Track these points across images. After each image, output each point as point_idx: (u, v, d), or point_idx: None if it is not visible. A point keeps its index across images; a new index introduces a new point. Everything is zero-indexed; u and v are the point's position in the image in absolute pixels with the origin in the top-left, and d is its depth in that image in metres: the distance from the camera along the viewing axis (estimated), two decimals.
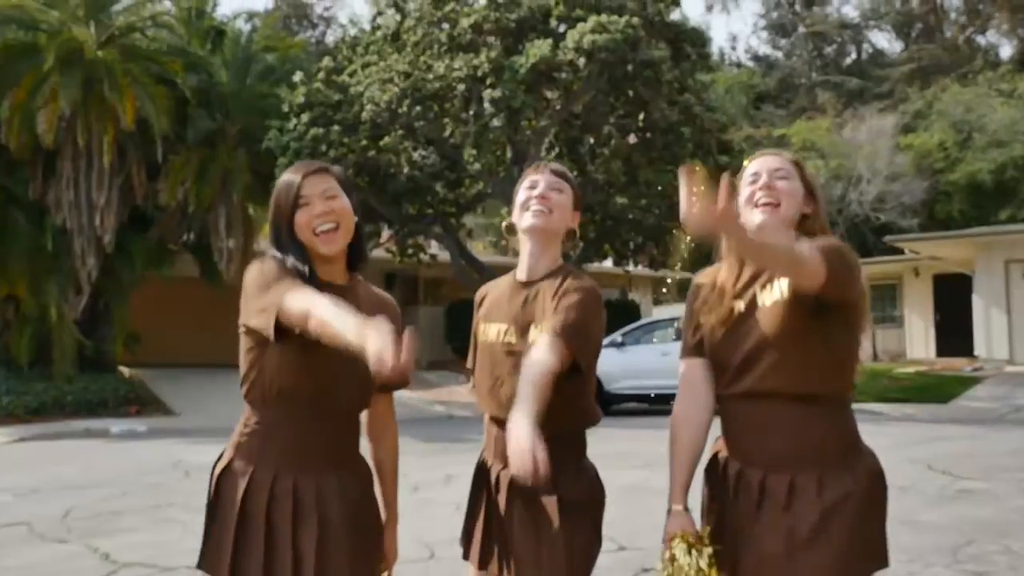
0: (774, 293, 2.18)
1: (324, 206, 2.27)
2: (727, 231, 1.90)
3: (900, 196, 31.06)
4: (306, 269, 2.22)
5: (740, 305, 2.25)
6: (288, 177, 2.32)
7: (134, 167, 17.62)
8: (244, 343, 2.27)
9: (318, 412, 2.22)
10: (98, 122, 17.00)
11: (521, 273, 2.55)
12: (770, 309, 2.18)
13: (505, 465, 2.31)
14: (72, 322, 17.50)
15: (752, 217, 2.26)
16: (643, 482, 7.67)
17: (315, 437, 2.23)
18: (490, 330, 2.53)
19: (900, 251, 24.11)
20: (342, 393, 2.24)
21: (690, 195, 1.79)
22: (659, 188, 18.31)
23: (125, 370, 19.28)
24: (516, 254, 2.65)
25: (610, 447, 6.15)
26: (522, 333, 2.43)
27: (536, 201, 2.50)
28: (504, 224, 2.76)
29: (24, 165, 17.41)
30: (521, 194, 2.55)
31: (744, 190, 2.32)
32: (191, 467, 9.80)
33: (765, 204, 2.27)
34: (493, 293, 2.63)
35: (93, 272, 17.49)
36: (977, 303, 21.48)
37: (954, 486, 7.94)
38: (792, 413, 2.14)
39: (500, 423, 2.38)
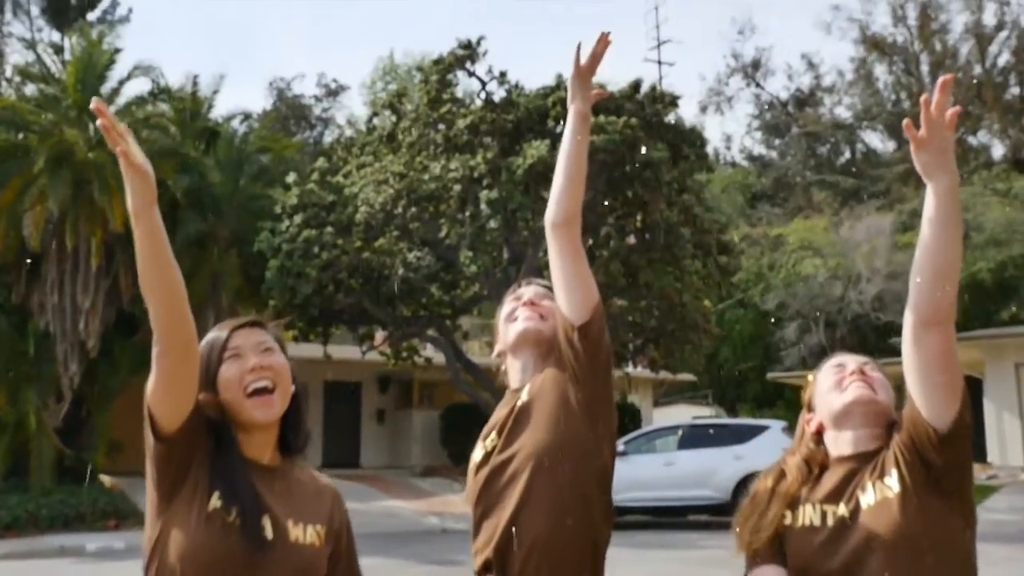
0: (878, 492, 1.93)
1: (259, 359, 1.85)
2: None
3: (900, 295, 30.73)
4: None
5: (841, 509, 1.96)
6: (214, 333, 1.92)
7: (121, 269, 17.21)
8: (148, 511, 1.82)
9: None
10: (86, 224, 16.66)
11: (514, 383, 2.26)
12: (875, 508, 1.91)
13: None
14: (52, 431, 16.85)
15: (843, 395, 2.04)
16: None
17: None
18: (478, 449, 2.21)
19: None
20: None
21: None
22: (659, 289, 17.93)
23: (106, 479, 18.51)
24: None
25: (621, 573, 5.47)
26: (509, 440, 2.11)
27: (525, 308, 2.29)
28: (495, 353, 2.41)
29: (8, 268, 17.01)
30: (506, 307, 2.35)
31: (828, 378, 2.12)
32: None
33: (861, 383, 2.07)
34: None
35: (76, 378, 16.91)
36: (988, 407, 20.88)
37: None
38: None
39: (491, 568, 2.04)
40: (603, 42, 2.19)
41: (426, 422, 23.83)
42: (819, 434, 2.08)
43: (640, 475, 15.51)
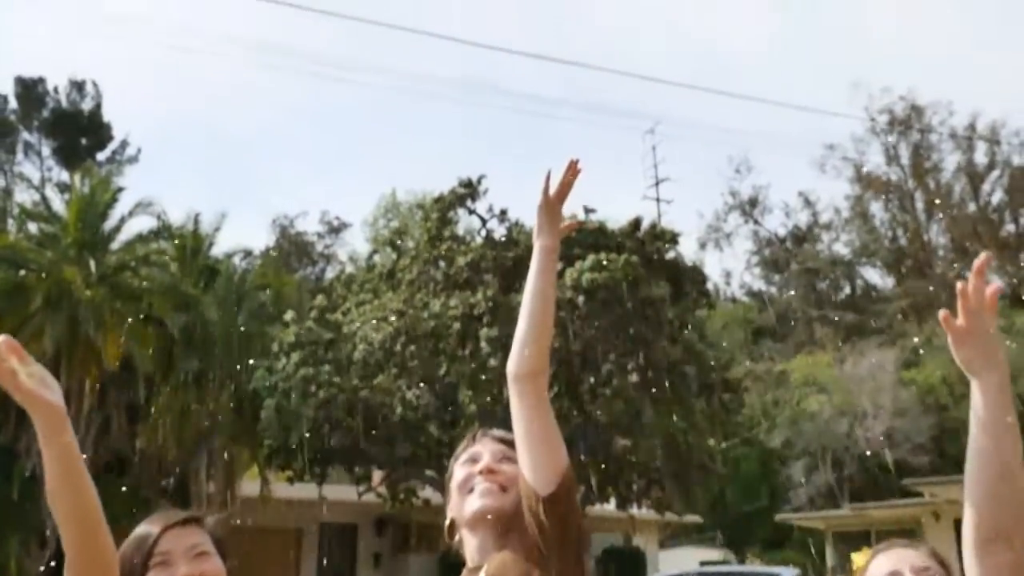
0: None
1: (190, 568, 1.67)
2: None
3: (908, 433, 30.26)
4: None
5: None
6: (143, 529, 1.74)
7: (114, 410, 16.92)
8: None
9: None
10: (81, 363, 16.46)
11: (471, 560, 1.96)
12: None
13: None
14: None
15: None
16: None
17: None
18: None
19: (918, 493, 22.98)
20: None
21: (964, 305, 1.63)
22: (663, 429, 17.57)
23: None
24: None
25: None
26: None
27: (483, 477, 1.96)
28: (446, 523, 2.08)
29: None
30: (458, 472, 2.03)
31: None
32: None
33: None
34: None
35: None
36: None
37: None
38: None
39: None
40: (572, 170, 2.00)
41: (424, 566, 23.00)
42: None
43: None
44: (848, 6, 62.82)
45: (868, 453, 30.40)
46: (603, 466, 18.12)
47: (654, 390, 17.92)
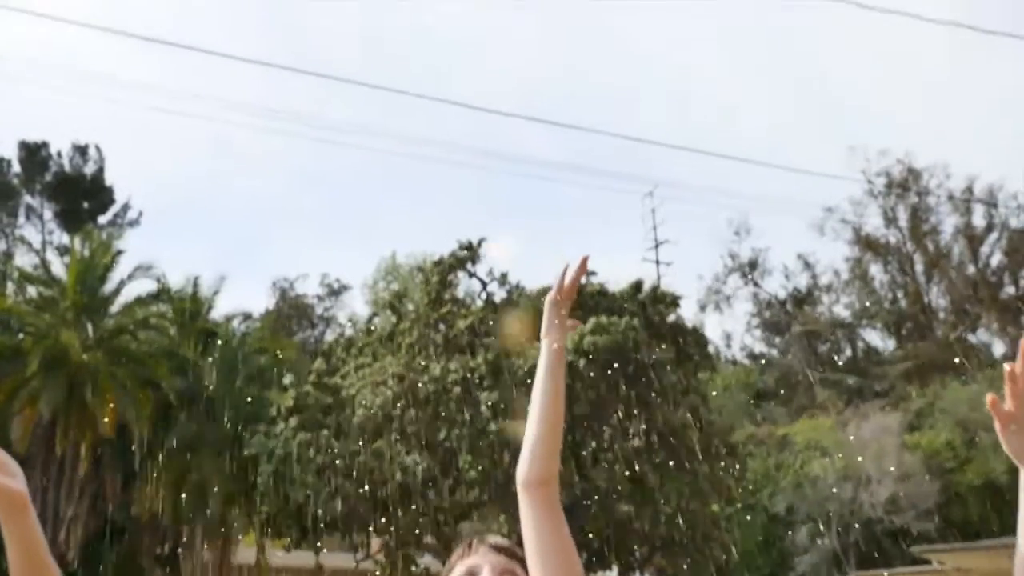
0: None
1: None
2: None
3: (913, 498, 29.85)
4: None
5: None
6: None
7: (108, 476, 16.70)
8: None
9: None
10: (77, 429, 16.31)
11: None
12: None
13: None
14: None
15: None
16: None
17: None
18: None
19: (926, 561, 22.56)
20: None
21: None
22: (666, 495, 17.30)
23: None
24: None
25: None
26: None
27: None
28: None
29: None
30: None
31: None
32: None
33: None
34: None
35: None
36: None
37: None
38: None
39: None
40: (583, 267, 1.96)
41: None
42: None
43: None
44: (845, 70, 63.65)
45: (874, 518, 29.97)
46: (605, 533, 17.82)
47: (657, 455, 17.71)
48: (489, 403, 16.09)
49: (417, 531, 18.76)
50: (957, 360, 39.15)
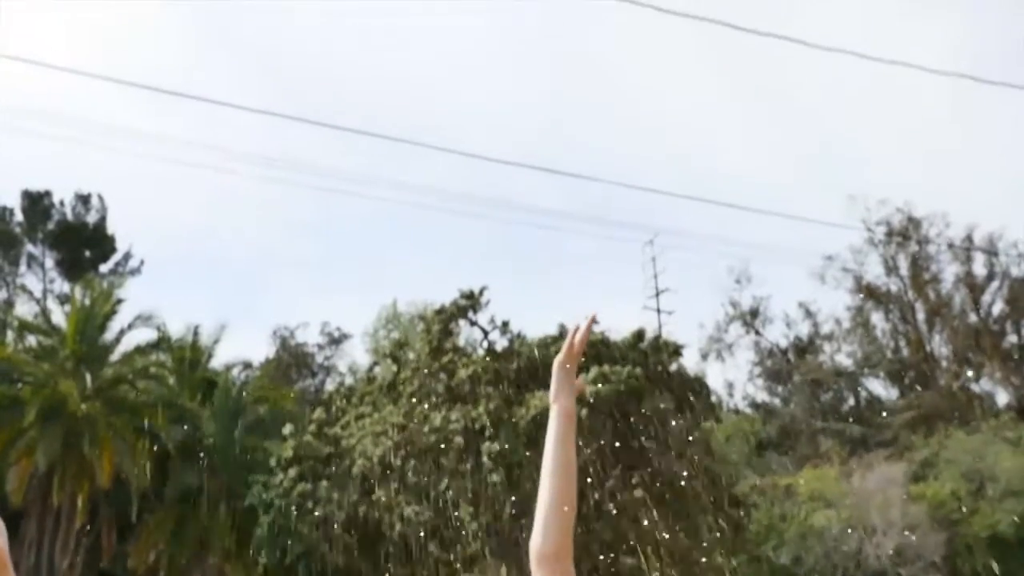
0: None
1: None
2: None
3: (919, 549, 29.45)
4: None
5: None
6: None
7: (105, 527, 16.46)
8: None
9: None
10: (74, 480, 16.11)
11: None
12: None
13: None
14: None
15: None
16: None
17: None
18: None
19: None
20: None
21: None
22: (671, 547, 17.03)
23: None
24: None
25: None
26: None
27: None
28: None
29: None
30: None
31: None
32: None
33: None
34: None
35: None
36: None
37: None
38: None
39: None
40: (589, 327, 1.99)
41: None
42: None
43: None
44: (845, 119, 64.10)
45: (879, 570, 29.55)
46: None
47: (661, 506, 17.47)
48: (491, 454, 15.90)
49: None
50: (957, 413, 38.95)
